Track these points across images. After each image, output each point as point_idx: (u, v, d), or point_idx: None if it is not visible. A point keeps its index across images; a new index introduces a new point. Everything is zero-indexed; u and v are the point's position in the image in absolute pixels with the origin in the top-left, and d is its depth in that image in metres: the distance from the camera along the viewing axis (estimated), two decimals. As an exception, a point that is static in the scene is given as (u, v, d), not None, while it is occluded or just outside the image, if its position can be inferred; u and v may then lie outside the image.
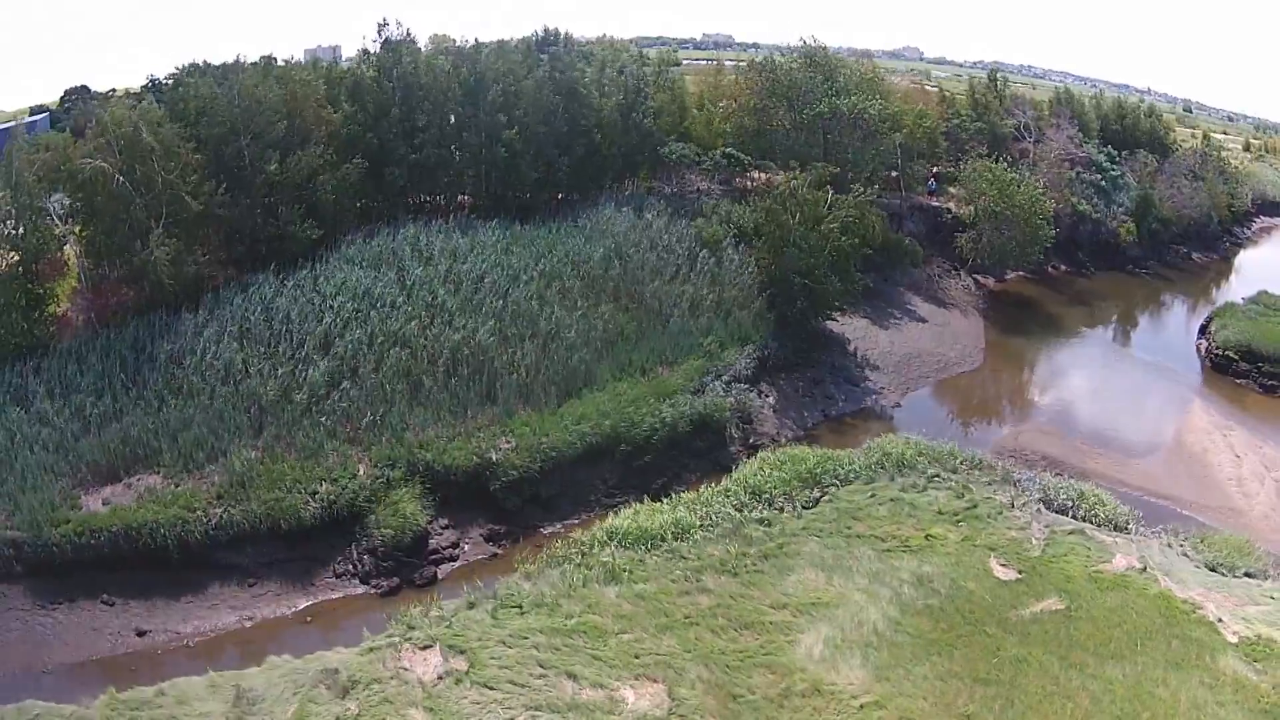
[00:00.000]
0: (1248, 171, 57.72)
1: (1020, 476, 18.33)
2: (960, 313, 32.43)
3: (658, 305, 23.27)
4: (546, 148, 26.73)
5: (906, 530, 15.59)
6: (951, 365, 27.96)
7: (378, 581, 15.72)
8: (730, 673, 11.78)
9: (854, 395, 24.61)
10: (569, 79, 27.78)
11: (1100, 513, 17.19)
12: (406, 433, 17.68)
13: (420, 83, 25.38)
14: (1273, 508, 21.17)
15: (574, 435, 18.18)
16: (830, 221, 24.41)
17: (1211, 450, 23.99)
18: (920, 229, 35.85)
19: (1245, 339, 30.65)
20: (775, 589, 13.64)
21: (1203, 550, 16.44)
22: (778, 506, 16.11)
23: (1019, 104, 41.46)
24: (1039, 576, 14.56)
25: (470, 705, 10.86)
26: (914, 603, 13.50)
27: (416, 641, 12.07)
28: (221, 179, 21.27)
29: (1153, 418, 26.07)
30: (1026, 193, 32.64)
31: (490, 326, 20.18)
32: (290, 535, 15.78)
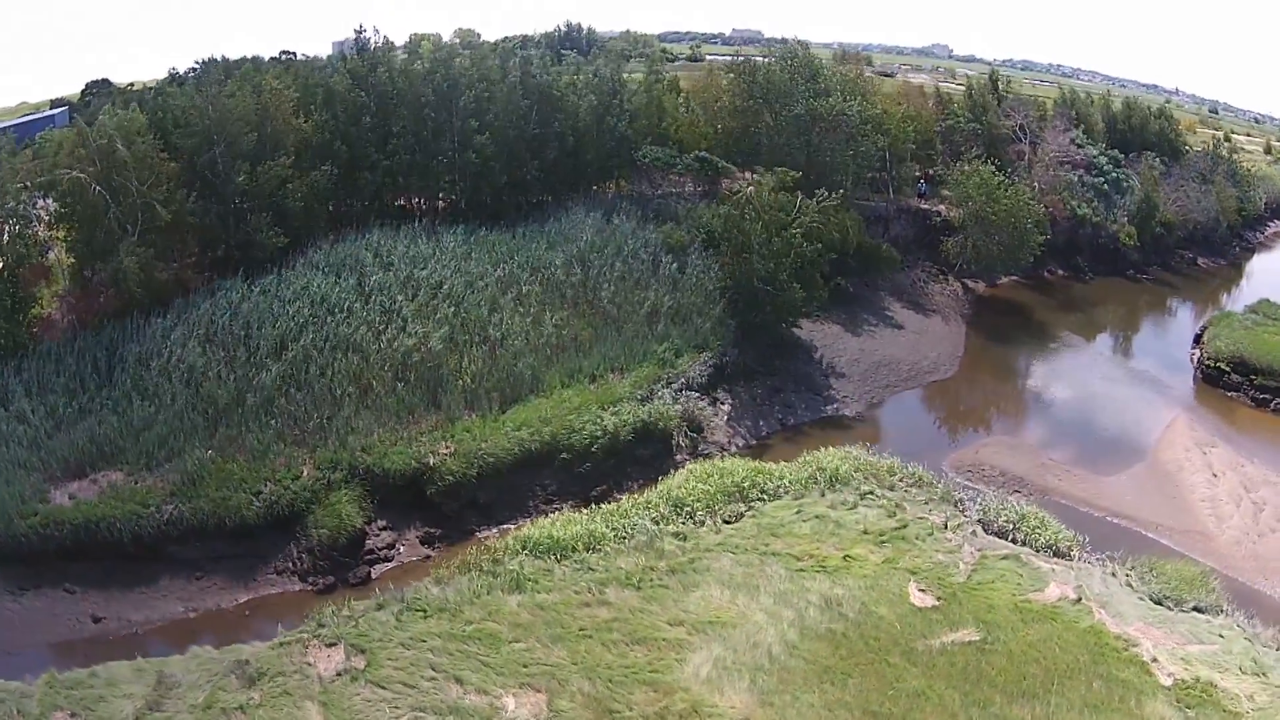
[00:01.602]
0: (1263, 174, 55.27)
1: (962, 495, 17.89)
2: (942, 319, 31.73)
3: (615, 311, 23.36)
4: (518, 151, 26.89)
5: (826, 550, 15.36)
6: (924, 374, 27.39)
7: (314, 579, 16.35)
8: (612, 688, 11.89)
9: (815, 405, 24.29)
10: (541, 82, 27.85)
11: (1041, 536, 16.63)
12: (350, 436, 18.25)
13: (395, 89, 25.72)
14: (1245, 532, 20.32)
15: (512, 442, 18.47)
16: (794, 227, 23.98)
17: (1187, 468, 23.05)
18: (908, 233, 35.17)
19: (1238, 350, 29.50)
20: (676, 605, 13.61)
21: (1150, 580, 15.78)
22: (698, 520, 16.02)
23: (1017, 105, 40.07)
24: (958, 604, 14.13)
25: (361, 703, 11.41)
26: (817, 626, 13.22)
27: (324, 639, 12.65)
28: (195, 187, 22.07)
29: (1130, 432, 25.14)
30: (1014, 196, 31.66)
31: (442, 333, 20.56)
32: (236, 532, 16.51)
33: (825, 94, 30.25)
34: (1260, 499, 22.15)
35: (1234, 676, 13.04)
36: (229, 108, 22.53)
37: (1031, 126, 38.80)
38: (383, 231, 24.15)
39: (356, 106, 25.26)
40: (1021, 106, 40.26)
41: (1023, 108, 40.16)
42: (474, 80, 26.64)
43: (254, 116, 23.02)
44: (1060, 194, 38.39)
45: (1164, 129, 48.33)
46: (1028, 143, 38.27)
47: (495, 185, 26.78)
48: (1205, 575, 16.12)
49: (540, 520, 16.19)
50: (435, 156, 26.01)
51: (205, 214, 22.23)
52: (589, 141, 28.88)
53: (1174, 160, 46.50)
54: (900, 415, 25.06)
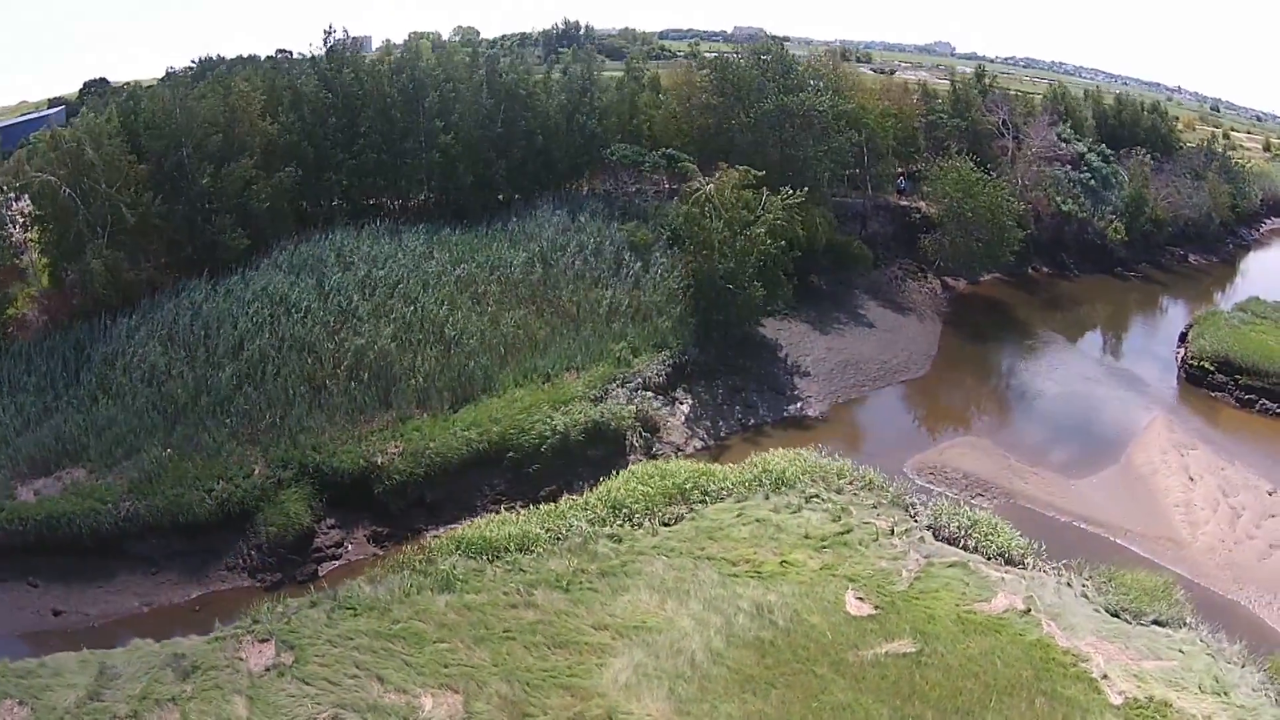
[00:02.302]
0: (1261, 171, 54.06)
1: (914, 500, 17.15)
2: (917, 317, 31.02)
3: (574, 310, 23.21)
4: (483, 150, 26.84)
5: (763, 554, 14.98)
6: (893, 373, 26.67)
7: (263, 576, 16.51)
8: (530, 691, 11.80)
9: (777, 404, 23.72)
10: (508, 81, 27.71)
11: (993, 543, 15.86)
12: (301, 435, 18.35)
13: (361, 89, 25.80)
14: (1221, 539, 19.44)
15: (460, 441, 18.41)
16: (756, 225, 23.53)
17: (1162, 471, 22.15)
18: (886, 230, 34.54)
19: (1223, 349, 28.59)
20: (603, 609, 13.43)
21: (1108, 591, 14.97)
22: (636, 522, 15.77)
23: (1000, 100, 39.20)
24: (896, 614, 13.54)
25: (285, 698, 11.56)
26: (744, 634, 12.83)
27: (257, 634, 12.81)
28: (163, 189, 22.35)
29: (1106, 434, 24.30)
30: (993, 193, 30.85)
31: (390, 332, 20.53)
32: (190, 529, 16.73)
33: (797, 90, 29.54)
34: (1239, 504, 21.24)
35: (1192, 695, 12.28)
36: (195, 110, 22.76)
37: (1015, 122, 37.84)
38: (346, 231, 24.24)
39: (323, 107, 25.40)
40: (1005, 102, 39.34)
41: (1007, 103, 39.23)
42: (440, 80, 26.70)
43: (221, 119, 23.21)
44: (1046, 190, 37.49)
45: (1156, 124, 47.28)
46: (1011, 138, 37.34)
47: (462, 184, 26.80)
48: (1168, 586, 15.33)
49: (477, 520, 16.16)
50: (401, 156, 26.04)
51: (171, 215, 22.42)
52: (558, 140, 28.78)
53: (1167, 156, 45.41)
54: (865, 415, 24.43)
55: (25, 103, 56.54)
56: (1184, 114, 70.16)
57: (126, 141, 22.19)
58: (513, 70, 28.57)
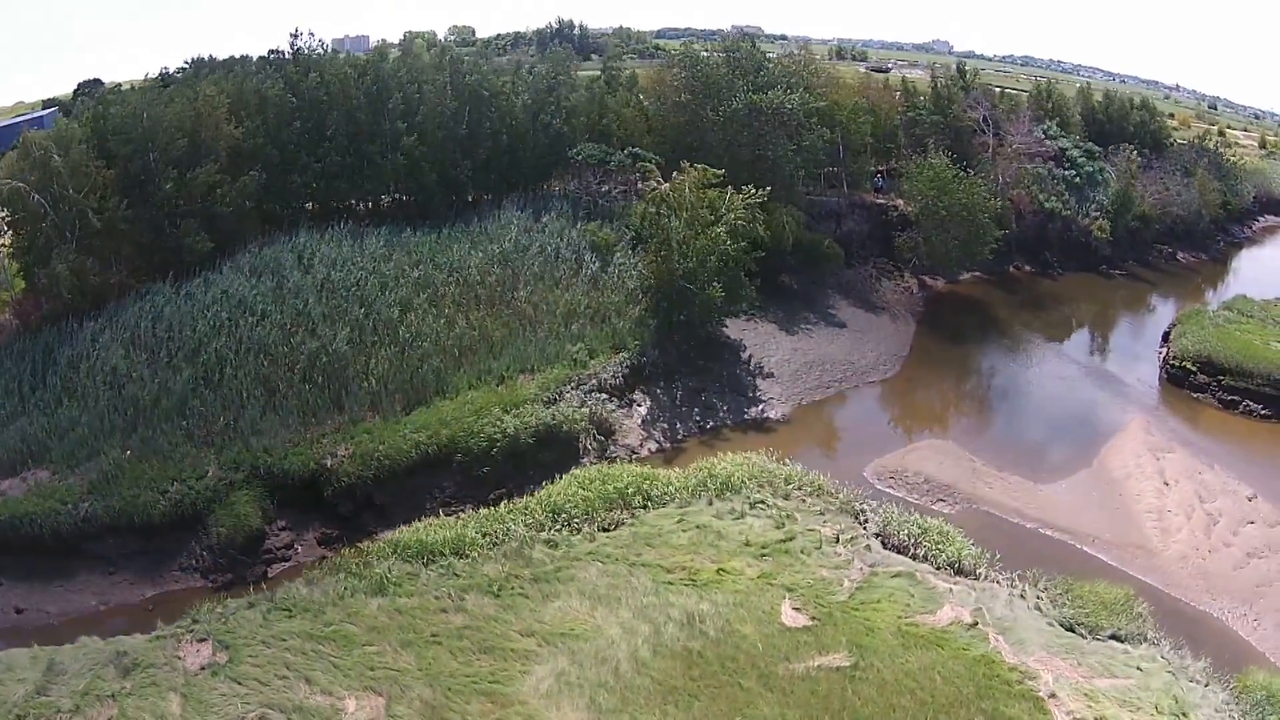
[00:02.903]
0: (1255, 168, 53.00)
1: (864, 506, 16.42)
2: (890, 317, 30.35)
3: (532, 311, 23.07)
4: (447, 151, 26.77)
5: (701, 561, 14.70)
6: (861, 374, 26.00)
7: (215, 576, 16.72)
8: (451, 696, 11.77)
9: (738, 406, 23.15)
10: (471, 83, 27.59)
11: (943, 552, 15.12)
12: (253, 437, 18.50)
13: (327, 92, 25.88)
14: (1195, 547, 18.62)
15: (409, 444, 18.39)
16: (717, 225, 23.22)
17: (1136, 476, 21.33)
18: (862, 228, 33.95)
19: (1205, 349, 27.72)
20: (532, 615, 13.35)
21: (1064, 603, 14.20)
22: (575, 528, 15.61)
23: (980, 97, 38.48)
24: (834, 625, 13.09)
25: (218, 696, 11.77)
26: (673, 643, 12.56)
27: (196, 634, 13.04)
28: (130, 194, 22.58)
29: (1080, 437, 23.42)
30: (968, 190, 30.12)
31: (344, 334, 20.59)
32: (145, 530, 16.95)
33: (767, 87, 29.00)
34: (1215, 509, 20.39)
35: (1147, 717, 11.70)
36: (161, 115, 23.02)
37: (995, 118, 37.10)
38: (309, 234, 24.28)
39: (288, 111, 25.48)
40: (986, 98, 38.61)
41: (988, 99, 38.51)
42: (404, 82, 26.67)
43: (187, 124, 23.42)
44: (1028, 187, 36.72)
45: (1145, 120, 46.37)
46: (991, 135, 36.61)
47: (426, 185, 26.74)
48: (1129, 599, 14.60)
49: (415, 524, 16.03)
50: (366, 158, 26.06)
51: (137, 220, 22.63)
52: (525, 140, 28.66)
53: (1157, 153, 44.55)
54: (829, 418, 23.85)
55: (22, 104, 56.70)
56: (1180, 111, 69.30)
57: (95, 147, 22.48)
58: (476, 70, 28.49)
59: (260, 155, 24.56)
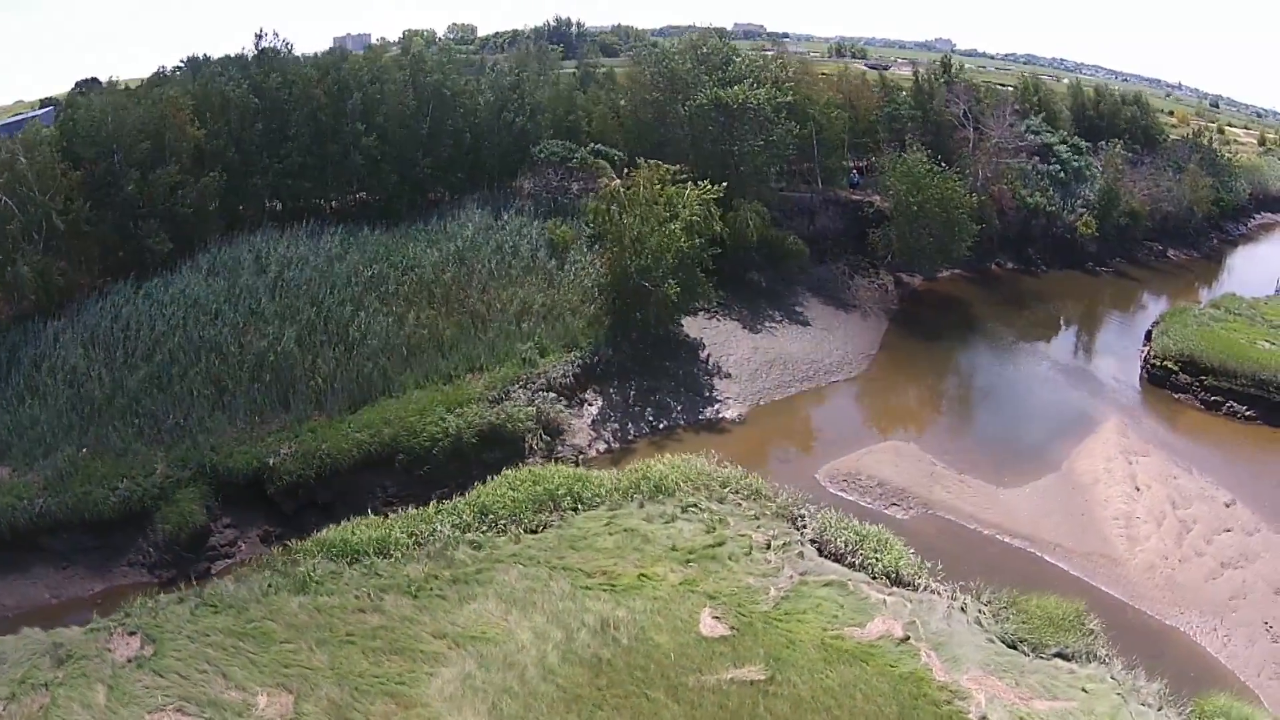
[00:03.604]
0: (1251, 165, 51.64)
1: (803, 511, 15.60)
2: (861, 315, 29.55)
3: (484, 310, 22.85)
4: (408, 150, 26.66)
5: (624, 566, 14.38)
6: (824, 373, 25.23)
7: (160, 572, 16.88)
8: (357, 696, 11.80)
9: (693, 406, 22.48)
10: (432, 81, 27.43)
11: (880, 560, 14.22)
12: (201, 436, 18.69)
13: (289, 93, 25.98)
14: (1164, 556, 17.65)
15: (351, 443, 18.38)
16: (673, 221, 22.91)
17: (1105, 480, 20.35)
18: (837, 225, 33.22)
19: (1187, 348, 26.68)
20: (447, 617, 13.21)
21: (1008, 618, 13.31)
22: (501, 529, 15.40)
23: (961, 91, 37.49)
24: (753, 636, 12.59)
25: (141, 688, 11.97)
26: (583, 650, 12.29)
27: (127, 627, 13.22)
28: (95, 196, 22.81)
29: (1051, 439, 22.46)
30: (942, 185, 29.22)
31: (293, 333, 20.61)
32: (96, 526, 17.17)
33: (733, 82, 28.39)
34: (1189, 516, 19.37)
35: None
36: (125, 118, 23.26)
37: (975, 113, 36.13)
38: (269, 233, 24.37)
39: (250, 112, 25.55)
40: (967, 92, 37.63)
41: (968, 93, 37.54)
42: (364, 82, 26.64)
43: (151, 126, 23.66)
44: (1011, 183, 35.71)
45: (1137, 116, 45.17)
46: (971, 129, 35.64)
47: (387, 184, 26.71)
48: (1079, 614, 13.77)
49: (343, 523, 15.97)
50: (328, 159, 26.12)
51: (100, 221, 22.85)
52: (489, 138, 28.51)
53: (1149, 149, 43.41)
54: (786, 418, 23.12)
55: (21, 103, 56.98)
56: (1179, 109, 68.00)
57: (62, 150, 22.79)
58: (438, 69, 28.33)
59: (222, 156, 24.73)
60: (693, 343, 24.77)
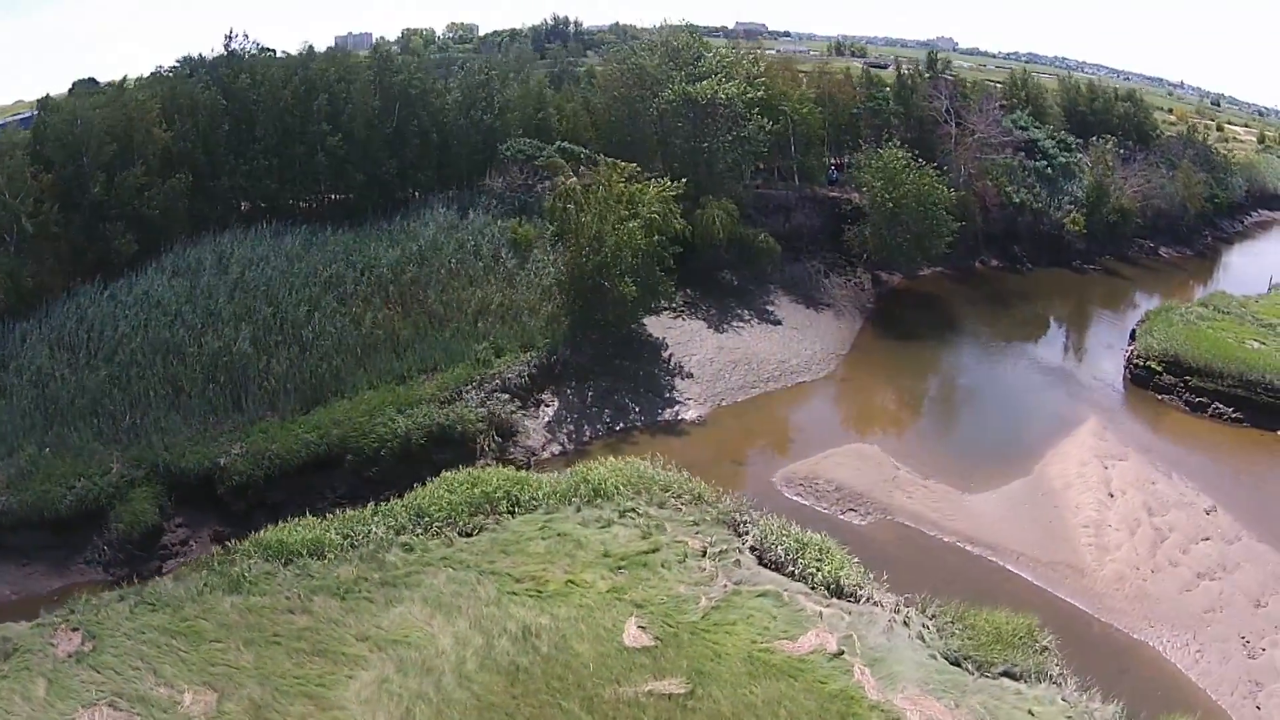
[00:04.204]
0: (1249, 162, 50.46)
1: (747, 517, 14.94)
2: (834, 314, 28.87)
3: (442, 310, 22.74)
4: (373, 150, 26.62)
5: (553, 572, 14.12)
6: (791, 374, 24.61)
7: (114, 570, 17.04)
8: (278, 696, 11.85)
9: (652, 408, 22.00)
10: (397, 81, 27.40)
11: (820, 570, 13.47)
12: (156, 435, 18.89)
13: (257, 94, 26.10)
14: (1135, 566, 16.82)
15: (300, 444, 18.48)
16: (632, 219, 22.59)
17: (1077, 486, 19.50)
18: (814, 222, 32.60)
19: (1172, 347, 25.77)
20: (372, 620, 13.21)
21: (954, 633, 12.54)
22: (435, 532, 15.26)
23: (943, 85, 36.65)
24: (678, 648, 12.18)
25: (79, 683, 12.19)
26: (502, 658, 12.10)
27: (71, 623, 13.41)
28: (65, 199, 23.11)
29: (1023, 442, 21.64)
30: (918, 181, 28.44)
31: (248, 334, 20.72)
32: (55, 524, 17.45)
33: (703, 78, 28.02)
34: (1166, 524, 18.48)
35: None
36: (93, 121, 23.55)
37: (956, 107, 35.31)
38: (233, 234, 24.47)
39: (218, 113, 25.71)
40: (949, 87, 36.78)
41: (950, 88, 36.70)
42: (331, 82, 26.69)
43: (119, 128, 23.89)
44: (996, 179, 34.85)
45: (1129, 112, 44.15)
46: (953, 124, 34.82)
47: (353, 185, 26.79)
48: (1032, 630, 12.95)
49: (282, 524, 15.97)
50: (294, 159, 26.21)
51: (69, 224, 23.11)
52: (457, 137, 28.39)
53: (1143, 145, 42.44)
54: (747, 420, 22.47)
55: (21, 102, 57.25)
56: (1178, 107, 66.87)
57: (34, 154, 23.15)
58: (404, 69, 28.24)
59: (189, 158, 24.88)
60: (656, 342, 24.44)
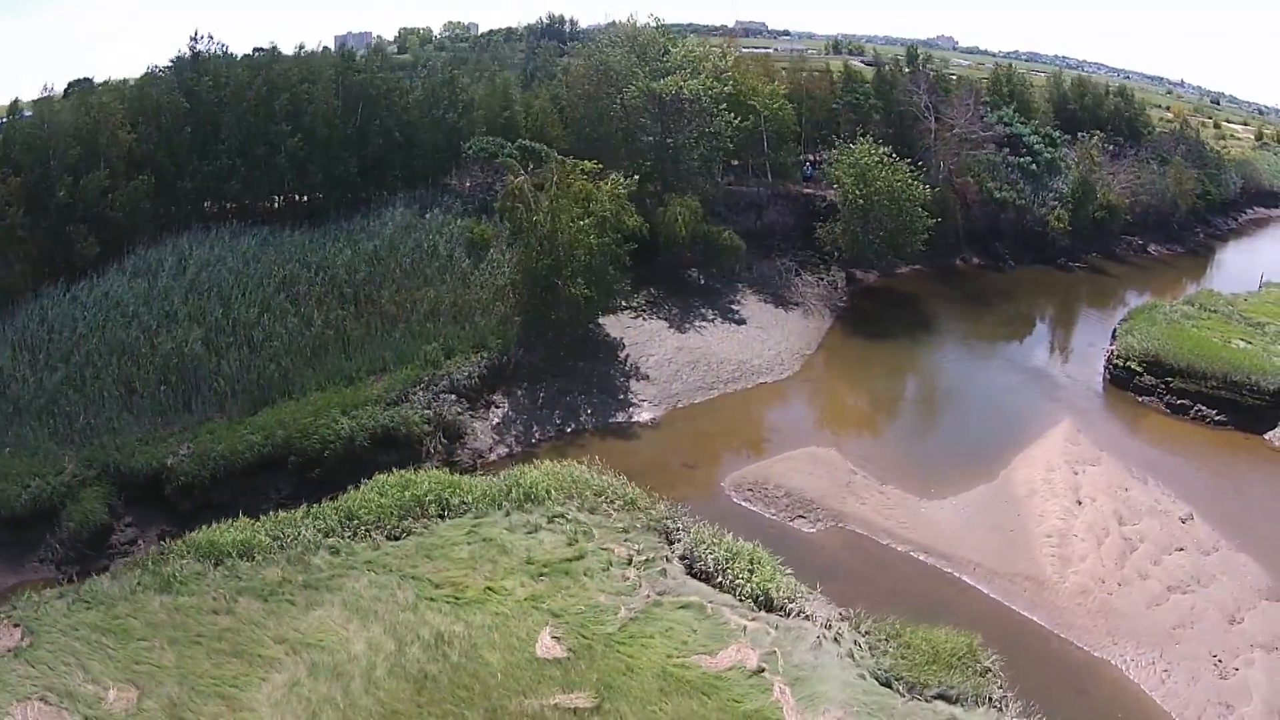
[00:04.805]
0: (1244, 159, 49.26)
1: (680, 525, 14.26)
2: (803, 313, 28.17)
3: (395, 310, 22.63)
4: (334, 150, 26.63)
5: (474, 578, 13.92)
6: (752, 375, 23.92)
7: (66, 568, 17.26)
8: (194, 696, 11.98)
9: (605, 409, 21.38)
10: (358, 81, 27.39)
11: (749, 582, 12.70)
12: (107, 436, 19.08)
13: (219, 96, 26.24)
14: (1100, 579, 15.95)
15: (245, 445, 18.58)
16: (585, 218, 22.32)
17: (1043, 493, 18.59)
18: (787, 219, 31.98)
19: (1153, 347, 24.83)
20: (292, 622, 13.25)
21: (887, 651, 11.73)
22: (362, 535, 15.23)
23: (920, 80, 35.82)
24: (590, 660, 11.78)
25: (15, 677, 12.39)
26: (412, 665, 12.00)
27: (13, 619, 13.61)
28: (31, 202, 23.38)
29: (993, 446, 20.77)
30: (889, 177, 27.62)
31: (200, 335, 20.84)
32: (11, 522, 17.69)
33: (668, 74, 27.49)
34: (1137, 533, 17.58)
35: None
36: (59, 124, 23.95)
37: (935, 102, 34.49)
38: (194, 235, 24.58)
39: (181, 115, 25.89)
40: (926, 81, 35.95)
41: (927, 82, 35.87)
42: (292, 83, 26.78)
43: (84, 131, 24.17)
44: (977, 175, 33.95)
45: (1120, 108, 43.14)
46: (932, 120, 33.99)
47: (314, 185, 26.89)
48: (974, 649, 12.19)
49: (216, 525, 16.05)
50: (256, 160, 26.27)
51: (34, 227, 23.38)
52: (419, 136, 28.27)
53: (1134, 141, 41.44)
54: (703, 422, 21.94)
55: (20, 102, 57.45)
56: (1176, 105, 65.78)
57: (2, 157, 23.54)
58: (366, 68, 28.23)
59: (153, 160, 25.02)
60: (613, 343, 24.08)
